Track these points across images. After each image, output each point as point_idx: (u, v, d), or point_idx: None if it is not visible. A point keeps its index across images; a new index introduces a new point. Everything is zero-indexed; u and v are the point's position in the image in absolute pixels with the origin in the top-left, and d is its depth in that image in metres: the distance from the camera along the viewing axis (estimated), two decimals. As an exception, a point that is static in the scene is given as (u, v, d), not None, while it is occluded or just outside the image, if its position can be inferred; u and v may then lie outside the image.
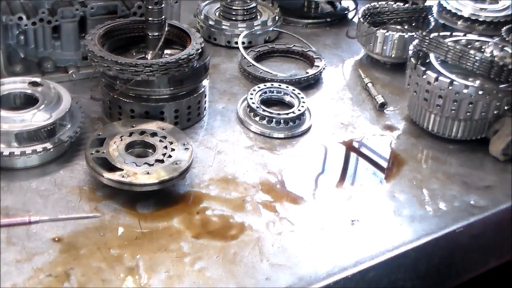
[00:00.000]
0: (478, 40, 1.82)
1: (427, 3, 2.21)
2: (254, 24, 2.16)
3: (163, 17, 1.67)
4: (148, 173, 1.41)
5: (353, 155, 1.72)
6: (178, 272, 1.27)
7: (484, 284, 1.77)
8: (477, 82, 1.71)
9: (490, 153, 1.68)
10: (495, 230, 1.56)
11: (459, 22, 2.11)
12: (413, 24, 2.20)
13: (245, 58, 2.00)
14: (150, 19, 1.66)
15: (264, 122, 1.73)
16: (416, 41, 1.76)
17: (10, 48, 1.81)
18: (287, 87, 1.85)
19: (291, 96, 1.83)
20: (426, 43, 1.73)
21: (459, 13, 2.10)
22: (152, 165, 1.44)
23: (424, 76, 1.67)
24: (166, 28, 1.68)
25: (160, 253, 1.31)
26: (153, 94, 1.65)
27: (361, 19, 2.09)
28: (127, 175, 1.40)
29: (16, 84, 1.60)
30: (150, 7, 1.64)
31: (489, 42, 1.81)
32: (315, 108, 1.84)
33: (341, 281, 1.31)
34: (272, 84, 1.86)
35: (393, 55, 2.05)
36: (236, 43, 2.10)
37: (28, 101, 1.56)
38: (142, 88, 1.63)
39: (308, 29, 2.35)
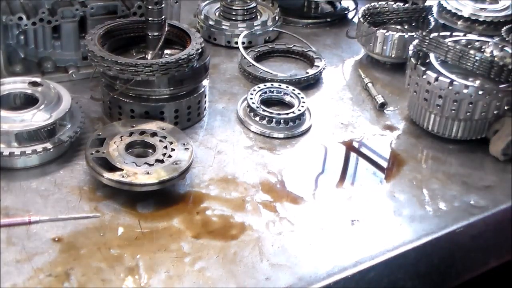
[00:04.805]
0: (478, 40, 1.82)
1: (427, 3, 2.21)
2: (254, 24, 2.16)
3: (163, 17, 1.67)
4: (148, 173, 1.41)
5: (353, 155, 1.71)
6: (178, 272, 1.27)
7: (484, 284, 1.77)
8: (477, 82, 1.71)
9: (490, 153, 1.68)
10: (495, 230, 1.56)
11: (459, 22, 2.11)
12: (413, 24, 2.20)
13: (245, 58, 2.00)
14: (150, 19, 1.66)
15: (264, 122, 1.73)
16: (416, 41, 1.76)
17: (10, 48, 1.81)
18: (287, 87, 1.85)
19: (291, 96, 1.83)
20: (426, 43, 1.73)
21: (459, 13, 2.10)
22: (152, 165, 1.44)
23: (424, 76, 1.67)
24: (166, 28, 1.68)
25: (160, 253, 1.31)
26: (153, 94, 1.65)
27: (361, 19, 2.09)
28: (127, 175, 1.40)
29: (16, 84, 1.60)
30: (150, 7, 1.64)
31: (489, 42, 1.81)
32: (315, 108, 1.84)
33: (341, 281, 1.31)
34: (272, 84, 1.86)
35: (393, 55, 2.05)
36: (236, 43, 2.10)
37: (28, 101, 1.56)
38: (142, 88, 1.63)
39: (308, 29, 2.35)
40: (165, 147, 1.50)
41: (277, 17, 2.24)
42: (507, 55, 1.75)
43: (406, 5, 2.21)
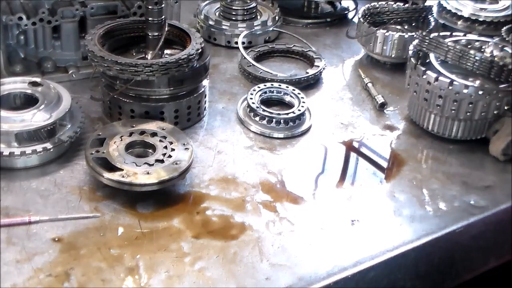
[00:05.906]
0: (478, 40, 1.82)
1: (427, 3, 2.21)
2: (254, 24, 2.16)
3: (163, 17, 1.67)
4: (148, 173, 1.41)
5: (353, 155, 1.71)
6: (178, 272, 1.27)
7: (484, 284, 1.77)
8: (477, 82, 1.71)
9: (490, 153, 1.68)
10: (495, 230, 1.56)
11: (459, 22, 2.11)
12: (413, 24, 2.20)
13: (245, 58, 2.00)
14: (150, 19, 1.66)
15: (264, 122, 1.73)
16: (416, 41, 1.76)
17: (10, 48, 1.81)
18: (287, 87, 1.85)
19: (291, 96, 1.83)
20: (426, 43, 1.73)
21: (459, 13, 2.10)
22: (152, 165, 1.44)
23: (424, 76, 1.67)
24: (166, 28, 1.68)
25: (160, 253, 1.31)
26: (153, 94, 1.65)
27: (361, 19, 2.09)
28: (127, 175, 1.40)
29: (16, 84, 1.60)
30: (150, 7, 1.64)
31: (489, 42, 1.81)
32: (315, 108, 1.84)
33: (341, 281, 1.31)
34: (272, 84, 1.86)
35: (393, 55, 2.05)
36: (236, 43, 2.10)
37: (28, 101, 1.56)
38: (142, 88, 1.63)
39: (308, 29, 2.35)
40: (165, 147, 1.50)
41: (277, 17, 2.24)
42: (507, 55, 1.75)
43: (406, 5, 2.21)
